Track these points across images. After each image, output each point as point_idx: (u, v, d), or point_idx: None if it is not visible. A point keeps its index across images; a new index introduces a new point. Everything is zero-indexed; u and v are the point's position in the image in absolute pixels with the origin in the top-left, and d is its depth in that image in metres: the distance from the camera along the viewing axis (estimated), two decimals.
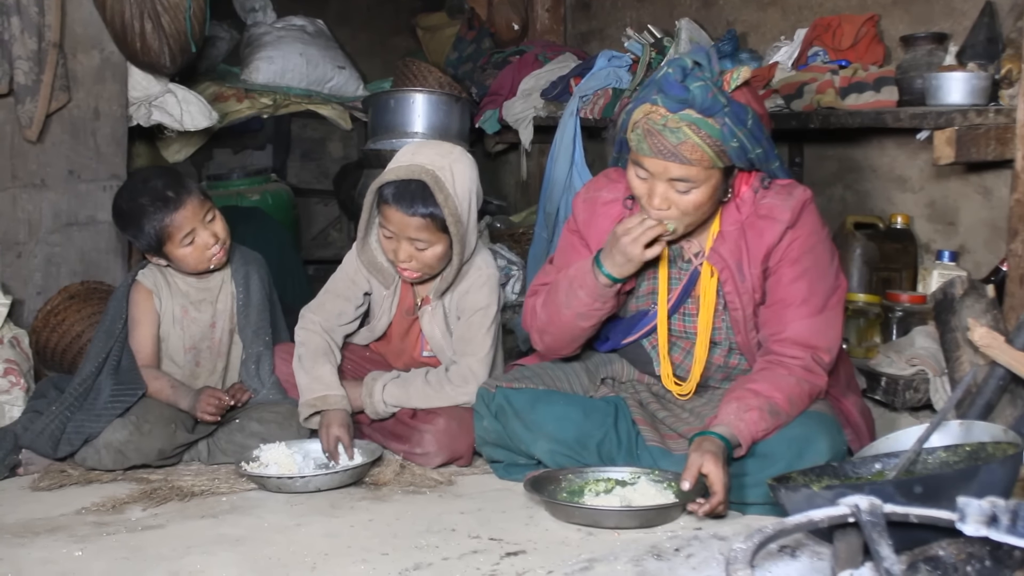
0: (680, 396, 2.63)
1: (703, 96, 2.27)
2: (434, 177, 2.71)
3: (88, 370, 2.87)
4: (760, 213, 2.44)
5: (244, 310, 3.04)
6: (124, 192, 3.00)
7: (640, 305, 2.61)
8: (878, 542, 1.57)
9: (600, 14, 5.35)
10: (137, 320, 2.98)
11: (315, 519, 2.43)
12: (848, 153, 3.64)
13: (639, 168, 2.38)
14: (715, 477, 2.26)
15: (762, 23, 4.13)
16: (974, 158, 2.76)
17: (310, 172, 5.75)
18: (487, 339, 2.85)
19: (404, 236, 2.75)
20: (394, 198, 2.72)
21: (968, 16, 3.10)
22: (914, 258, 3.35)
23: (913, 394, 2.85)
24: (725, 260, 2.46)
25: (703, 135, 2.28)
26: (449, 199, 2.71)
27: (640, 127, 2.33)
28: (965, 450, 2.16)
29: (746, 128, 2.32)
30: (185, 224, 2.88)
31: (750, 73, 2.34)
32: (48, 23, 3.43)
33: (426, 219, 2.72)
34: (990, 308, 2.61)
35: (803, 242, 2.43)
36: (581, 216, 2.62)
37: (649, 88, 2.36)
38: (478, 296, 2.85)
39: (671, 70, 2.31)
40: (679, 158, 2.29)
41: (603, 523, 2.33)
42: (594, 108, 4.22)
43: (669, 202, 2.36)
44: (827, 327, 2.45)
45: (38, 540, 2.31)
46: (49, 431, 2.75)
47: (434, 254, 2.78)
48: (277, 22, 5.54)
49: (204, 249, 2.93)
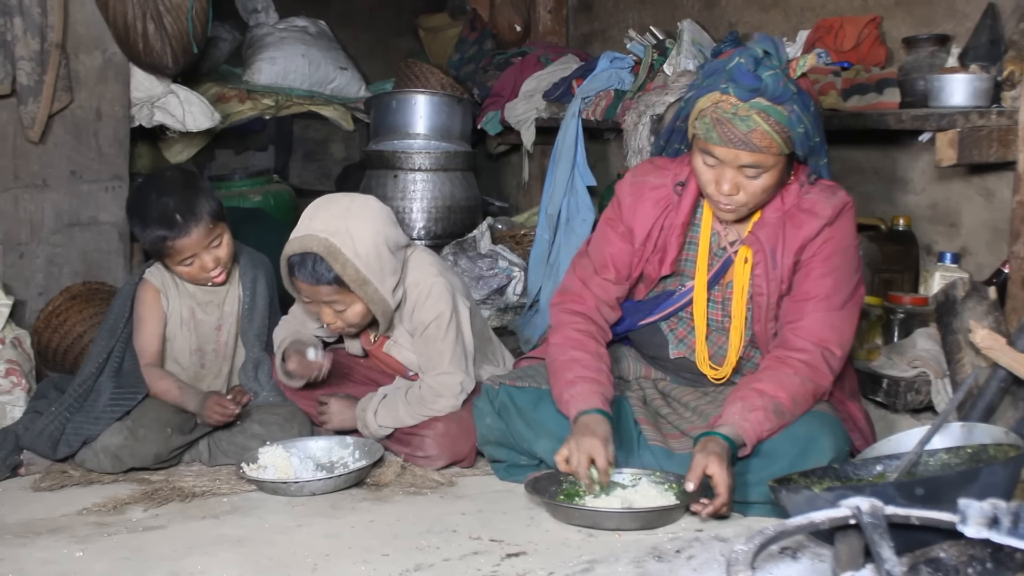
0: (715, 380, 2.65)
1: (775, 84, 2.31)
2: (327, 246, 2.68)
3: (89, 370, 2.86)
4: (803, 207, 2.48)
5: (249, 315, 3.04)
6: (139, 193, 2.96)
7: (667, 286, 2.64)
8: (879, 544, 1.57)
9: (602, 15, 5.35)
10: (143, 318, 2.96)
11: (316, 520, 2.43)
12: (850, 155, 3.64)
13: (707, 156, 2.40)
14: (719, 479, 2.26)
15: (764, 25, 4.12)
16: (976, 160, 2.75)
17: (312, 173, 5.75)
18: (446, 348, 2.82)
19: (319, 301, 2.77)
20: (297, 270, 2.73)
21: (970, 18, 3.09)
22: (916, 260, 3.35)
23: (914, 396, 2.85)
24: (762, 244, 2.49)
25: (772, 122, 2.31)
26: (348, 264, 2.69)
27: (708, 115, 2.35)
28: (966, 452, 2.16)
29: (810, 114, 2.37)
30: (186, 251, 2.87)
31: (815, 60, 2.37)
32: (51, 24, 3.44)
33: (332, 285, 2.72)
34: (992, 310, 2.61)
35: (837, 242, 2.47)
36: (626, 200, 2.62)
37: (716, 76, 2.37)
38: (423, 312, 2.82)
39: (743, 60, 2.34)
40: (749, 146, 2.32)
41: (603, 525, 2.33)
42: (596, 109, 4.22)
43: (738, 187, 2.39)
44: (842, 324, 2.47)
45: (39, 540, 2.31)
46: (48, 432, 2.75)
47: (355, 313, 2.78)
48: (279, 23, 5.55)
49: (202, 271, 2.92)
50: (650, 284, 2.63)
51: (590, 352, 2.55)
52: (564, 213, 4.21)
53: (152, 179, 3.00)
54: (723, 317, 2.59)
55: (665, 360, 2.72)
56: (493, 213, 5.31)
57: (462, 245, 4.60)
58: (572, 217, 4.19)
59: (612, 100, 4.16)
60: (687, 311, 2.62)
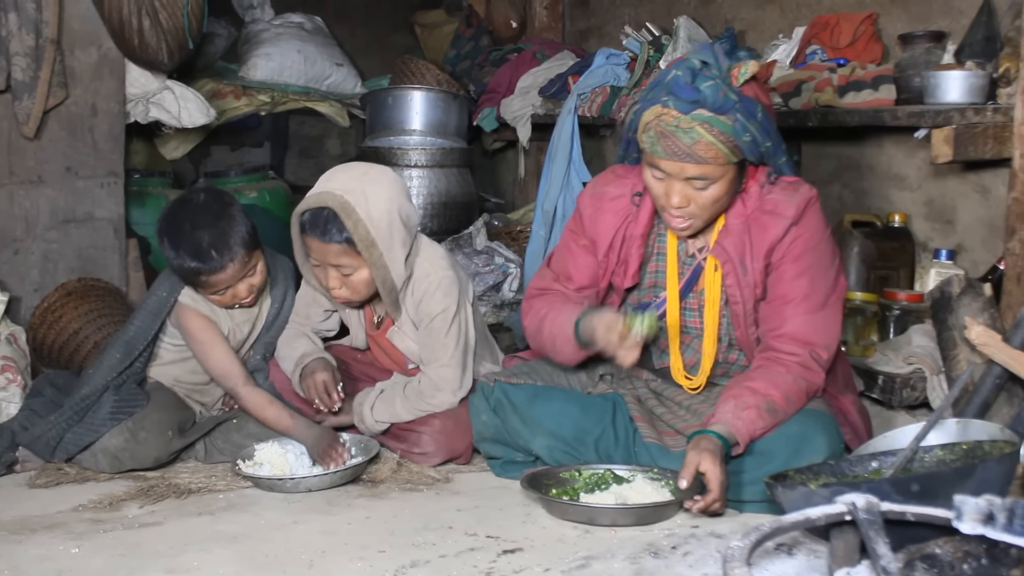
0: (690, 391, 2.64)
1: (714, 95, 2.28)
2: (342, 203, 2.68)
3: (98, 383, 2.77)
4: (765, 209, 2.45)
5: (270, 327, 2.99)
6: (171, 220, 2.79)
7: (642, 297, 2.63)
8: (875, 540, 1.57)
9: (598, 12, 5.35)
10: (207, 343, 2.85)
11: (312, 516, 2.43)
12: (846, 151, 3.64)
13: (655, 169, 2.39)
14: (712, 475, 2.26)
15: (760, 21, 4.13)
16: (972, 156, 2.76)
17: (308, 169, 5.74)
18: (449, 342, 2.81)
19: (327, 263, 2.75)
20: (309, 226, 2.72)
21: (966, 14, 3.09)
22: (911, 256, 3.35)
23: (910, 392, 2.85)
24: (728, 253, 2.46)
25: (716, 132, 2.29)
26: (359, 224, 2.68)
27: (652, 129, 2.34)
28: (962, 448, 2.17)
29: (756, 121, 2.33)
30: (220, 285, 2.78)
31: (757, 67, 2.35)
32: (46, 19, 3.42)
33: (343, 244, 2.70)
34: (987, 307, 2.61)
35: (806, 240, 2.44)
36: (587, 211, 2.62)
37: (657, 90, 2.35)
38: (431, 304, 2.81)
39: (680, 72, 2.31)
40: (694, 158, 2.31)
41: (599, 520, 2.34)
42: (592, 106, 4.22)
43: (688, 199, 2.38)
44: (826, 324, 2.45)
45: (35, 537, 2.31)
46: (46, 439, 2.73)
47: (360, 279, 2.76)
48: (275, 19, 5.53)
49: (235, 297, 2.84)
50: (621, 295, 2.62)
51: (558, 301, 2.60)
52: (560, 209, 4.21)
53: (185, 205, 2.81)
54: (702, 324, 2.58)
55: (651, 369, 2.72)
56: (489, 209, 5.31)
57: (458, 241, 4.60)
58: (568, 213, 4.18)
59: (608, 96, 4.16)
60: (664, 321, 2.59)
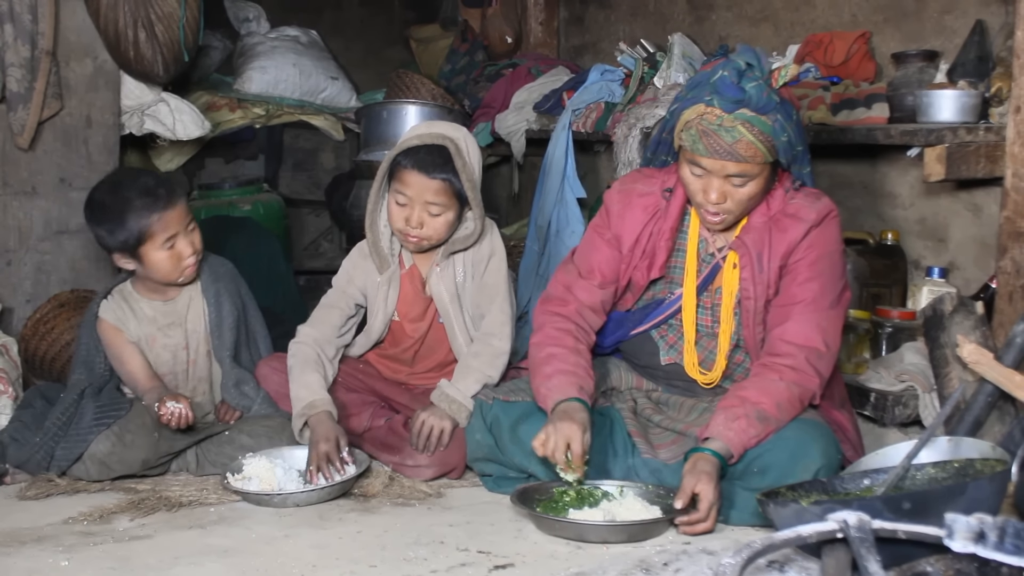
0: (705, 385, 2.66)
1: (758, 95, 2.36)
2: (455, 144, 2.84)
3: (70, 399, 2.80)
4: (788, 212, 2.53)
5: (217, 331, 2.96)
6: (106, 186, 2.91)
7: (656, 294, 2.66)
8: (866, 558, 1.57)
9: (593, 28, 5.37)
10: (119, 357, 2.89)
11: (303, 530, 2.43)
12: (839, 169, 3.65)
13: (694, 166, 2.45)
14: (704, 497, 2.29)
15: (754, 39, 4.14)
16: (964, 175, 2.78)
17: (302, 183, 5.74)
18: (502, 289, 2.94)
19: (420, 200, 2.84)
20: (416, 163, 2.84)
21: (959, 34, 3.11)
22: (904, 274, 3.36)
23: (902, 410, 2.86)
24: (748, 248, 2.53)
25: (756, 132, 2.36)
26: (467, 166, 2.84)
27: (694, 127, 2.40)
28: (953, 466, 2.17)
29: (793, 123, 2.42)
30: (171, 226, 2.82)
31: (797, 70, 2.40)
32: (41, 31, 3.43)
33: (445, 183, 2.83)
34: (979, 325, 2.62)
35: (823, 246, 2.51)
36: (615, 207, 2.66)
37: (700, 89, 2.42)
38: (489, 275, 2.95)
39: (726, 72, 2.40)
40: (735, 156, 2.37)
41: (588, 537, 2.33)
42: (587, 121, 4.23)
43: (725, 195, 2.44)
44: (828, 323, 2.50)
45: (24, 549, 2.30)
46: (35, 460, 2.73)
47: (445, 220, 2.87)
48: (271, 32, 5.54)
49: (180, 259, 2.86)
50: (637, 292, 2.66)
51: (568, 348, 2.59)
52: (554, 225, 4.22)
53: (110, 177, 2.99)
54: (712, 323, 2.62)
55: (656, 368, 2.73)
56: None
57: None
58: (562, 229, 4.20)
59: (602, 112, 4.17)
60: (677, 318, 2.65)
